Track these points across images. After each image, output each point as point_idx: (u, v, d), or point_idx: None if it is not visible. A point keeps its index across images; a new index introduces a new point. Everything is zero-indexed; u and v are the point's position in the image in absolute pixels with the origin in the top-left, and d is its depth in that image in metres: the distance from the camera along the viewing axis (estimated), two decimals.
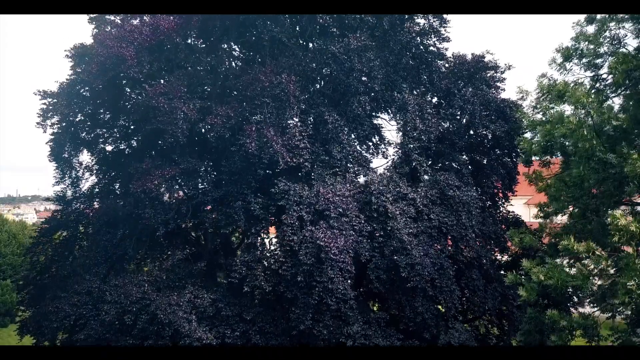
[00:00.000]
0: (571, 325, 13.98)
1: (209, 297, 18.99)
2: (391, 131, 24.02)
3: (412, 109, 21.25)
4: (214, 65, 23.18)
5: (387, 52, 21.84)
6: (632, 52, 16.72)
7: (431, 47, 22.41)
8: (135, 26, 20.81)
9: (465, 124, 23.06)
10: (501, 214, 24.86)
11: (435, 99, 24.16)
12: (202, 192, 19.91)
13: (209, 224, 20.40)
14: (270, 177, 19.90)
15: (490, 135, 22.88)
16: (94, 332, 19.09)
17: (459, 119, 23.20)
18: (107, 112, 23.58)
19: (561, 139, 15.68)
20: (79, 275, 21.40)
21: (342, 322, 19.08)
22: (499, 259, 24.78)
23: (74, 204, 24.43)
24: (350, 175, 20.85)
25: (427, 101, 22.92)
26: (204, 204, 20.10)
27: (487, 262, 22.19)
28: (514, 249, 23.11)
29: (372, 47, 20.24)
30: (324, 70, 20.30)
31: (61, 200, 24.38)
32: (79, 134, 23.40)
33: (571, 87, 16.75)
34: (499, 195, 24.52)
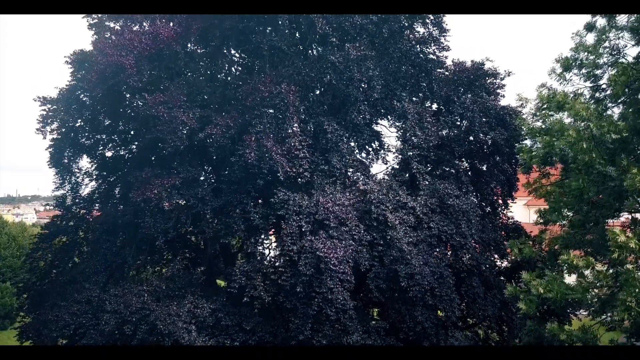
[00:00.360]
0: (571, 339, 13.99)
1: (208, 307, 18.99)
2: (390, 137, 24.07)
3: (412, 117, 21.26)
4: (214, 72, 23.20)
5: (387, 59, 21.82)
6: (631, 62, 16.71)
7: (431, 56, 22.37)
8: (135, 34, 20.79)
9: (464, 130, 23.05)
10: (501, 220, 24.86)
11: (435, 105, 24.16)
12: (202, 201, 19.89)
13: (209, 233, 20.38)
14: (269, 187, 19.87)
15: (490, 141, 22.89)
16: (94, 341, 19.09)
17: (458, 124, 23.20)
18: (107, 119, 23.57)
19: (561, 151, 15.68)
20: (79, 282, 21.42)
21: (342, 332, 19.07)
22: (499, 264, 24.79)
23: (74, 209, 24.47)
24: (349, 182, 20.86)
25: (427, 109, 22.90)
26: (203, 213, 20.10)
27: (487, 269, 22.24)
28: (514, 257, 23.12)
29: (371, 56, 20.20)
30: (324, 79, 20.27)
31: (61, 205, 24.41)
32: (79, 140, 23.40)
33: (570, 98, 16.75)
34: (499, 201, 24.55)
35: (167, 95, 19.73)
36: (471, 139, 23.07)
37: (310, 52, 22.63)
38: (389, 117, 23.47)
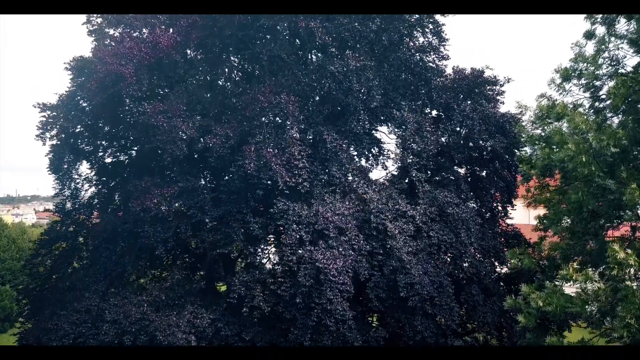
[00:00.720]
0: None
1: (208, 317, 18.99)
2: (390, 144, 24.02)
3: (411, 126, 21.26)
4: (213, 78, 23.16)
5: (387, 65, 21.78)
6: (630, 71, 16.66)
7: (430, 64, 22.33)
8: (134, 42, 20.74)
9: (464, 137, 23.05)
10: (500, 227, 24.85)
11: (434, 111, 24.14)
12: (202, 210, 19.89)
13: (208, 243, 20.40)
14: (269, 196, 19.88)
15: (489, 147, 22.89)
16: None
17: (458, 130, 23.18)
18: (106, 125, 23.58)
19: (560, 162, 15.67)
20: (78, 290, 21.43)
21: (341, 342, 19.09)
22: (498, 271, 24.77)
23: (74, 215, 24.49)
24: (349, 189, 20.81)
25: (426, 116, 22.89)
26: (203, 222, 20.11)
27: (487, 277, 22.24)
28: (513, 267, 23.12)
29: (370, 67, 20.16)
30: (323, 88, 20.24)
31: (61, 211, 24.44)
32: (78, 145, 23.45)
33: (570, 109, 16.71)
34: (498, 208, 24.54)
35: (166, 104, 19.72)
36: (471, 145, 23.06)
37: (310, 58, 22.59)
38: (388, 124, 23.46)
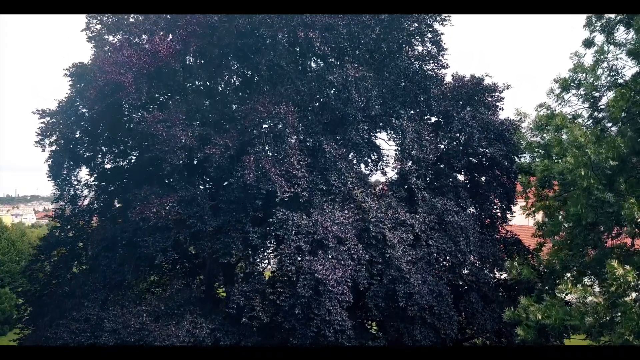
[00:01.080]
0: None
1: (207, 327, 19.00)
2: (389, 150, 24.02)
3: (410, 135, 21.25)
4: (213, 85, 23.13)
5: (386, 73, 21.76)
6: (629, 80, 16.64)
7: (429, 72, 22.30)
8: (134, 50, 20.72)
9: (463, 143, 23.05)
10: (499, 233, 24.85)
11: (433, 118, 24.12)
12: (201, 219, 19.89)
13: (208, 252, 20.41)
14: (268, 206, 19.87)
15: (488, 154, 22.89)
16: None
17: (458, 137, 23.17)
18: (105, 131, 23.57)
19: (559, 174, 15.69)
20: (77, 297, 21.41)
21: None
22: (498, 277, 24.78)
23: (73, 220, 24.51)
24: (348, 197, 20.81)
25: (425, 124, 22.90)
26: (202, 232, 20.11)
27: (486, 284, 22.26)
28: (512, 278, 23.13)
29: (369, 76, 20.15)
30: (322, 98, 20.23)
31: (60, 217, 24.45)
32: (78, 151, 23.42)
33: (568, 121, 16.71)
34: (498, 214, 24.53)
35: (166, 113, 19.71)
36: (470, 152, 23.07)
37: (309, 65, 22.58)
38: (387, 131, 23.45)
